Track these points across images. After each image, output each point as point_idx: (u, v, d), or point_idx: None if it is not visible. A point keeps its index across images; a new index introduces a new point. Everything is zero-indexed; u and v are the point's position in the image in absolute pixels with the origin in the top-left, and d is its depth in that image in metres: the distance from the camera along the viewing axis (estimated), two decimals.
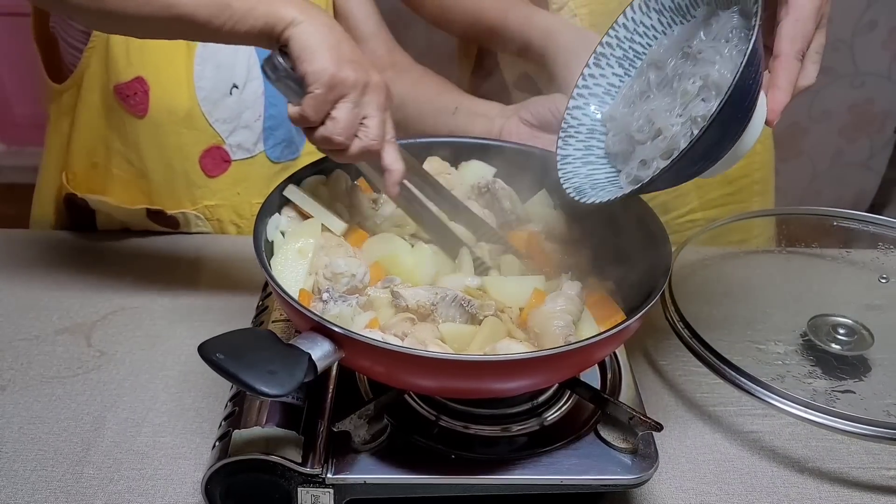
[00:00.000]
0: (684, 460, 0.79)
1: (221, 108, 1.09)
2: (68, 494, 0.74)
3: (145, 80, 1.05)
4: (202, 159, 1.12)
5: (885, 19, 2.40)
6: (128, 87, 1.06)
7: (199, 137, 1.10)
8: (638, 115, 0.75)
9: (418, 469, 0.67)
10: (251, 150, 1.14)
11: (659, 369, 0.91)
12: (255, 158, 1.14)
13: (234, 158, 1.13)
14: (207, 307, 0.98)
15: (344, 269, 0.73)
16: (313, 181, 0.84)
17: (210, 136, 1.10)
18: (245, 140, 1.12)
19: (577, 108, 0.81)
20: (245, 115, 1.11)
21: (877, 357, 0.88)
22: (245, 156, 1.14)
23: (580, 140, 0.81)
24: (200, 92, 1.07)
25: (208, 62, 1.06)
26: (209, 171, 1.13)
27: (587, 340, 0.63)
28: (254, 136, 1.13)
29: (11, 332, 0.93)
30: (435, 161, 0.89)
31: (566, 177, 0.78)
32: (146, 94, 1.06)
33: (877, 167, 2.70)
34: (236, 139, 1.12)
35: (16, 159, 2.80)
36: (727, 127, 0.66)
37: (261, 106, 1.11)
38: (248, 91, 1.09)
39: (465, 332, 0.70)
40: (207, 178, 1.13)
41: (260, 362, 0.57)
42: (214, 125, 1.09)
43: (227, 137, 1.11)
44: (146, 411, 0.83)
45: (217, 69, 1.07)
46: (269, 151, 1.15)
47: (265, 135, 1.13)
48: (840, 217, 1.06)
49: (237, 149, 1.13)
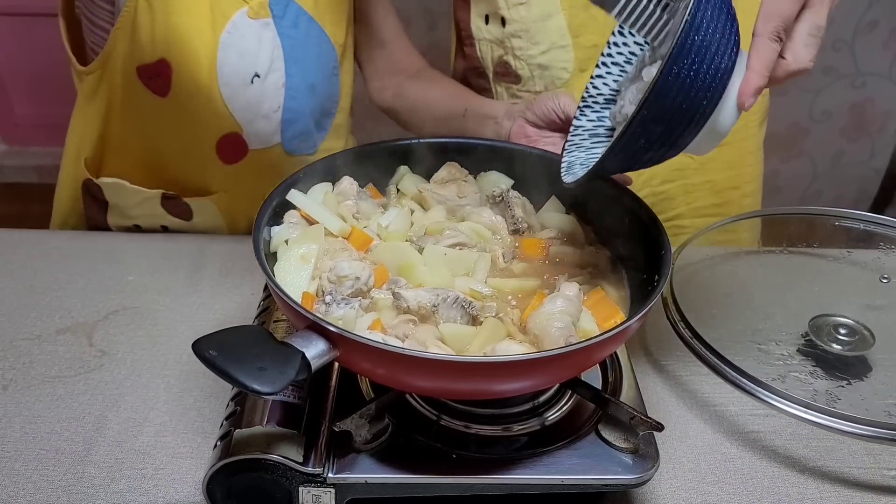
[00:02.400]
0: (685, 460, 0.80)
1: (241, 96, 1.09)
2: (70, 494, 0.74)
3: (169, 62, 1.05)
4: (219, 145, 1.12)
5: (885, 19, 2.41)
6: (152, 69, 1.06)
7: (217, 123, 1.10)
8: (624, 93, 0.75)
9: (419, 469, 0.67)
10: (268, 140, 1.14)
11: (660, 369, 0.91)
12: (272, 149, 1.15)
13: (252, 148, 1.13)
14: (209, 307, 0.98)
15: (348, 271, 0.73)
16: (319, 188, 0.84)
17: (229, 122, 1.10)
18: (263, 130, 1.12)
19: (599, 76, 0.80)
20: (265, 105, 1.10)
21: (878, 357, 0.88)
22: (262, 146, 1.14)
23: (595, 111, 0.80)
24: (222, 78, 1.06)
25: (232, 49, 1.06)
26: (226, 158, 1.13)
27: (588, 341, 0.63)
28: (272, 126, 1.13)
29: (13, 331, 0.93)
30: (453, 167, 0.89)
31: (568, 150, 0.77)
32: (169, 76, 1.06)
33: (878, 167, 2.70)
34: (254, 128, 1.12)
35: (17, 159, 2.81)
36: (668, 117, 0.64)
37: (281, 97, 1.11)
38: (269, 81, 1.09)
39: (465, 333, 0.70)
40: (224, 164, 1.13)
41: (251, 359, 0.57)
42: (234, 112, 1.09)
43: (246, 126, 1.11)
44: (147, 411, 0.83)
45: (240, 57, 1.06)
46: (286, 143, 1.15)
47: (283, 126, 1.13)
48: (841, 217, 1.06)
49: (255, 138, 1.13)
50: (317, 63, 1.13)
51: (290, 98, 1.12)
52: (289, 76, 1.10)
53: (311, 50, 1.11)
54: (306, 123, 1.15)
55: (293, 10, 1.08)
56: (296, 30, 1.09)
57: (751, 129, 1.24)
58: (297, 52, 1.10)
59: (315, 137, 1.18)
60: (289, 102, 1.12)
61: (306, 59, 1.11)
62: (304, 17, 1.09)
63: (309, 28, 1.10)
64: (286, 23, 1.08)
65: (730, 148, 1.22)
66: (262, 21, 1.06)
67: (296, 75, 1.10)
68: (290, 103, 1.12)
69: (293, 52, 1.09)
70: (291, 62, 1.10)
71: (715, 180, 1.24)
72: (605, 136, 0.80)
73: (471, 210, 0.86)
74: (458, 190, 0.87)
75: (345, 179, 0.85)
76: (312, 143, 1.18)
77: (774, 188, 2.75)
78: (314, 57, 1.12)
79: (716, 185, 1.24)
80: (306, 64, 1.11)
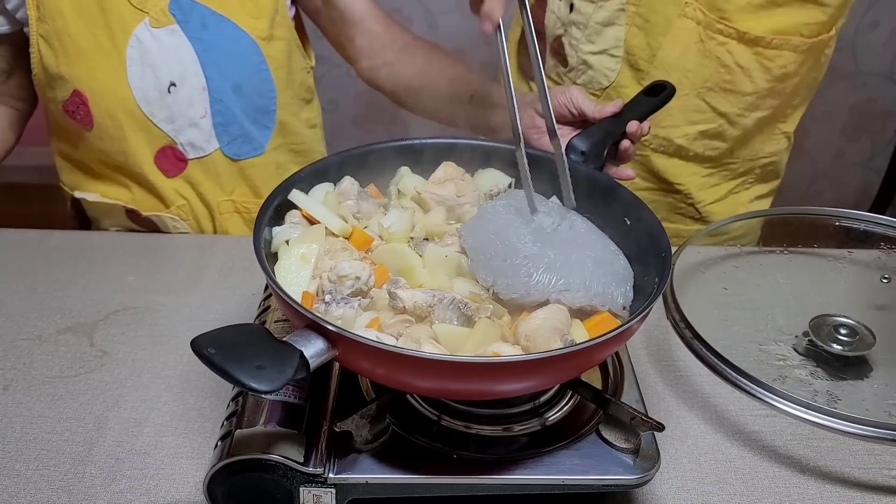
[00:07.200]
0: (686, 460, 0.80)
1: (162, 108, 1.07)
2: (70, 493, 0.74)
3: (81, 91, 1.05)
4: (157, 160, 1.11)
5: (886, 19, 2.40)
6: (70, 103, 1.06)
7: (147, 139, 1.09)
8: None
9: (420, 469, 0.67)
10: (205, 148, 1.12)
11: (660, 369, 0.91)
12: (212, 156, 1.13)
13: (190, 157, 1.12)
14: (209, 307, 0.98)
15: (348, 271, 0.73)
16: (321, 188, 0.84)
17: (158, 136, 1.09)
18: (196, 138, 1.11)
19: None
20: (189, 112, 1.09)
21: (878, 357, 0.88)
22: (200, 154, 1.12)
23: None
24: (137, 93, 1.06)
25: (138, 63, 1.04)
26: (166, 171, 1.12)
27: (589, 342, 0.63)
28: (204, 133, 1.11)
29: (14, 331, 0.93)
30: (450, 166, 0.89)
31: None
32: (87, 105, 1.05)
33: (878, 167, 2.70)
34: (186, 137, 1.11)
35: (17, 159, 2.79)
36: None
37: (205, 102, 1.09)
38: (187, 88, 1.07)
39: (459, 334, 0.70)
40: (167, 178, 1.13)
41: (250, 358, 0.57)
42: (160, 125, 1.08)
43: (177, 136, 1.10)
44: (148, 411, 0.83)
45: (151, 68, 1.05)
46: (225, 149, 1.13)
47: (217, 132, 1.11)
48: (842, 217, 1.06)
49: (190, 147, 1.12)
50: (237, 61, 1.09)
51: (216, 101, 1.09)
52: (209, 79, 1.07)
53: (226, 49, 1.08)
54: (241, 125, 1.13)
55: (199, 12, 1.05)
56: (205, 31, 1.06)
57: (746, 185, 1.28)
58: (211, 53, 1.07)
59: (260, 139, 1.15)
60: (215, 106, 1.10)
61: (224, 59, 1.08)
62: (213, 17, 1.06)
63: (220, 27, 1.06)
64: (193, 25, 1.05)
65: (726, 202, 1.28)
66: (167, 28, 1.04)
67: (216, 77, 1.08)
68: (216, 106, 1.10)
69: (208, 54, 1.06)
70: (208, 64, 1.07)
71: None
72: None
73: (470, 209, 0.86)
74: (456, 189, 0.87)
75: (346, 179, 0.85)
76: (258, 144, 1.15)
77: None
78: (233, 55, 1.08)
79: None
80: (224, 64, 1.08)
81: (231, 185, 1.16)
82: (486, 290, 0.75)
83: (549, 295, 0.72)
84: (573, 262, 0.74)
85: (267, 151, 1.16)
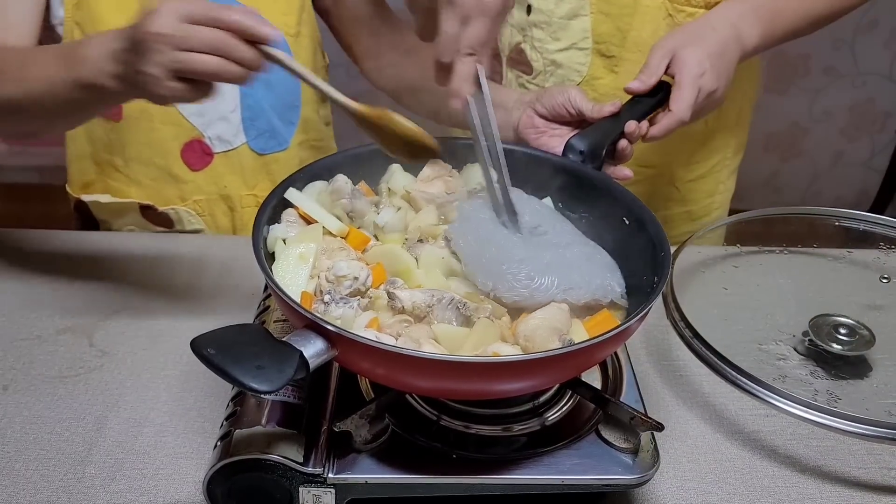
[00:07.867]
0: (685, 460, 0.80)
1: None
2: (70, 494, 0.74)
3: None
4: (183, 153, 1.12)
5: (886, 19, 2.41)
6: None
7: (176, 132, 1.10)
8: None
9: (419, 469, 0.67)
10: (232, 141, 1.13)
11: (660, 369, 0.91)
12: (239, 150, 1.14)
13: (216, 151, 1.13)
14: (209, 307, 0.98)
15: (346, 271, 0.73)
16: (315, 186, 0.84)
17: (187, 129, 1.10)
18: (224, 132, 1.12)
19: None
20: (219, 106, 1.10)
21: (878, 357, 0.88)
22: (226, 148, 1.13)
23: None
24: None
25: None
26: (192, 164, 1.13)
27: (589, 341, 0.63)
28: (233, 127, 1.12)
29: (13, 331, 0.93)
30: (437, 164, 0.88)
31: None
32: None
33: (878, 167, 2.70)
34: (215, 131, 1.11)
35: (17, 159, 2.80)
36: None
37: (236, 96, 1.10)
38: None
39: (459, 334, 0.70)
40: (191, 171, 1.13)
41: (249, 358, 0.57)
42: (189, 118, 1.09)
43: (205, 130, 1.11)
44: (148, 411, 0.83)
45: None
46: (252, 143, 1.14)
47: (245, 126, 1.12)
48: (841, 217, 1.06)
49: (217, 141, 1.12)
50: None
51: (246, 96, 1.10)
52: None
53: None
54: (269, 120, 1.14)
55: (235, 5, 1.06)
56: None
57: (725, 161, 1.26)
58: None
59: (284, 133, 1.17)
60: (245, 100, 1.11)
61: None
62: None
63: None
64: None
65: (707, 179, 1.25)
66: None
67: None
68: (246, 101, 1.11)
69: None
70: None
71: (693, 210, 1.27)
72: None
73: (460, 205, 0.86)
74: (445, 186, 0.87)
75: (339, 177, 0.84)
76: (283, 139, 1.17)
77: (774, 188, 2.75)
78: None
79: (692, 214, 1.28)
80: None
81: (254, 179, 1.17)
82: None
83: (554, 296, 0.73)
84: (569, 260, 0.75)
85: (291, 147, 1.18)
